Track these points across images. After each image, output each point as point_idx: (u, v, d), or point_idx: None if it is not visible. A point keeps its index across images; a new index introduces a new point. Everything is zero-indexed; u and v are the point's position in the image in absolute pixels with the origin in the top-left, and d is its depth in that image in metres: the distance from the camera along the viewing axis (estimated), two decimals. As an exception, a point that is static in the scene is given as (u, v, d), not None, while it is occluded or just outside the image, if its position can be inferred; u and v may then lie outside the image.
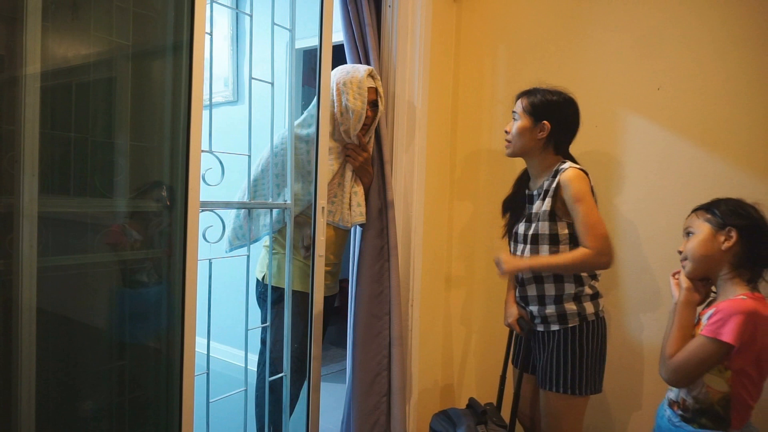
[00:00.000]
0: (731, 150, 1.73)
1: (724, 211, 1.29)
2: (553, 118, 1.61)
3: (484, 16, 2.28)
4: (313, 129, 1.79)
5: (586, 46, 2.01)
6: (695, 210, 1.36)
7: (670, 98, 1.84)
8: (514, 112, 1.67)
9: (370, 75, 1.87)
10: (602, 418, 1.97)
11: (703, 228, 1.31)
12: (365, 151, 1.93)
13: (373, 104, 1.89)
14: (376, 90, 1.88)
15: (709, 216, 1.31)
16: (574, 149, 1.70)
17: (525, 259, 1.61)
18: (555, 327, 1.61)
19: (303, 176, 1.76)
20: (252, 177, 1.83)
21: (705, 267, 1.31)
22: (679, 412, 1.30)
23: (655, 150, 1.86)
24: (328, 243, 1.86)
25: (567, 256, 1.56)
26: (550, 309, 1.61)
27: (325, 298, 1.79)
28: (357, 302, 2.03)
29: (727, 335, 1.18)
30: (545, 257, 1.59)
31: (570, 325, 1.59)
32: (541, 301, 1.63)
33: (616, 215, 1.95)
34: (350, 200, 1.91)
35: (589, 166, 1.66)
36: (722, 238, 1.27)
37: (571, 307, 1.59)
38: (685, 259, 1.32)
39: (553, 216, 1.59)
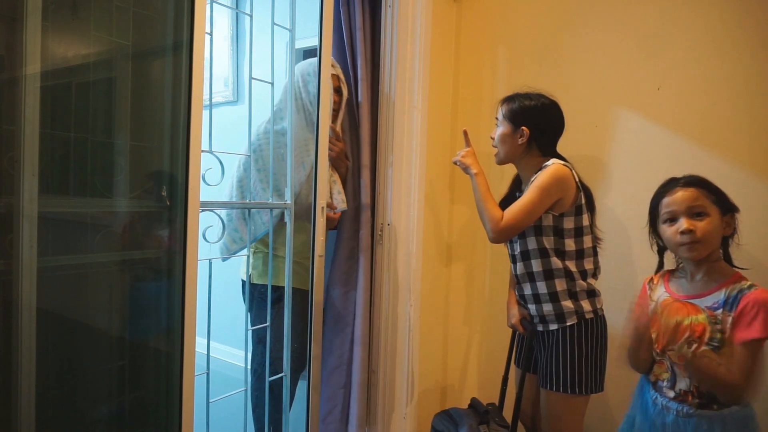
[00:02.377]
0: (732, 150, 1.73)
1: (724, 196, 1.29)
2: (532, 122, 1.63)
3: (484, 16, 2.28)
4: (284, 124, 1.79)
5: (586, 46, 2.01)
6: (693, 186, 1.29)
7: (670, 98, 1.84)
8: (496, 118, 1.70)
9: (330, 64, 1.90)
10: (603, 417, 1.97)
11: (713, 211, 1.26)
12: (340, 141, 1.98)
13: (337, 90, 1.93)
14: (338, 77, 1.93)
15: (714, 198, 1.27)
16: (574, 150, 1.70)
17: (476, 164, 1.68)
18: (554, 326, 1.62)
19: (282, 173, 1.77)
20: (236, 178, 1.84)
21: (712, 250, 1.28)
22: (696, 401, 1.26)
23: (655, 150, 1.86)
24: (307, 237, 1.85)
25: (492, 202, 1.60)
26: (547, 308, 1.62)
27: (305, 292, 1.78)
28: (328, 300, 2.09)
29: None
30: (485, 182, 1.64)
31: (568, 324, 1.60)
32: (537, 299, 1.63)
33: (616, 216, 1.95)
34: (331, 188, 1.93)
35: (589, 167, 1.66)
36: (725, 224, 1.27)
37: (567, 305, 1.60)
38: (698, 242, 1.24)
39: None
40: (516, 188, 1.77)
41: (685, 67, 1.81)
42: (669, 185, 1.33)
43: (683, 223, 1.25)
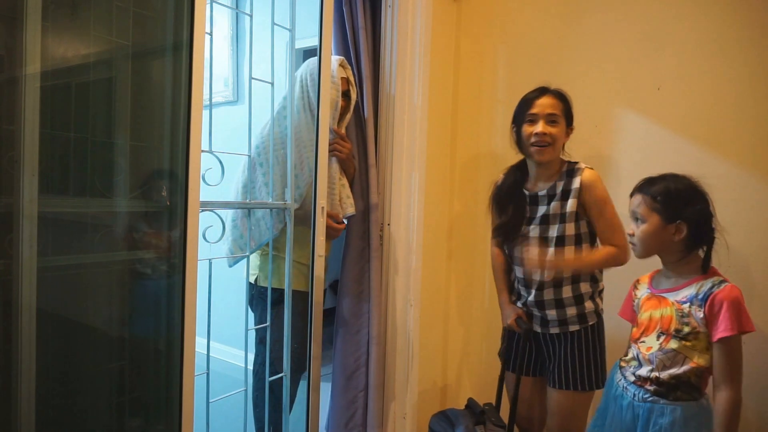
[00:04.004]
0: (734, 150, 1.73)
1: (673, 203, 1.31)
2: (572, 118, 1.65)
3: (484, 16, 2.28)
4: (286, 123, 1.77)
5: (587, 45, 2.01)
6: (640, 192, 1.37)
7: (670, 98, 1.84)
8: (550, 114, 1.60)
9: (341, 65, 1.88)
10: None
11: (651, 219, 1.32)
12: (347, 142, 1.95)
13: (345, 94, 1.90)
14: (347, 80, 1.90)
15: (657, 206, 1.31)
16: (574, 149, 1.71)
17: (552, 258, 1.58)
18: (575, 327, 1.63)
19: (285, 173, 1.76)
20: (241, 183, 1.83)
21: (655, 252, 1.36)
22: (652, 388, 1.31)
23: (656, 150, 1.86)
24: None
25: (594, 257, 1.58)
26: (571, 311, 1.62)
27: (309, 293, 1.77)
28: (339, 301, 2.08)
29: (750, 324, 1.23)
30: (572, 258, 1.58)
31: (590, 324, 1.63)
32: (560, 304, 1.63)
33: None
34: (339, 193, 1.92)
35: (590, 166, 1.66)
36: (672, 230, 1.31)
37: (589, 305, 1.63)
38: (634, 244, 1.38)
39: (577, 216, 1.60)
40: (519, 184, 1.69)
41: (685, 67, 1.81)
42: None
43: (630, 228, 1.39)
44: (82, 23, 1.23)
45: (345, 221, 2.01)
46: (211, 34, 1.35)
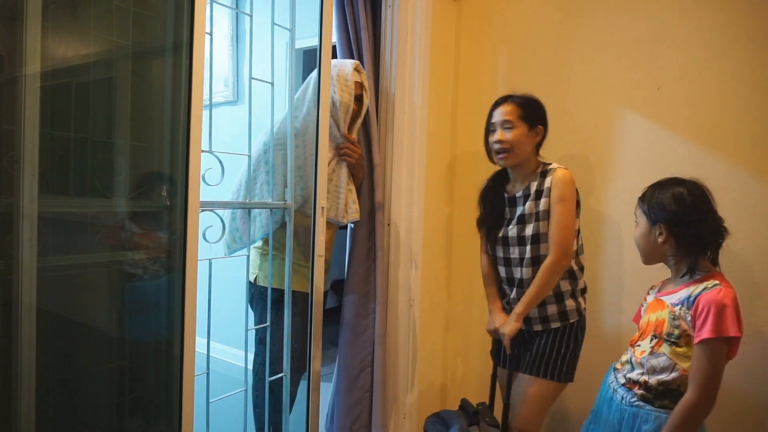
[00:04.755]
0: (734, 150, 1.73)
1: (653, 205, 1.34)
2: (544, 120, 1.68)
3: (484, 16, 2.28)
4: (297, 123, 1.78)
5: (587, 45, 2.01)
6: (639, 198, 1.41)
7: (671, 98, 1.84)
8: (505, 121, 1.65)
9: (356, 69, 1.89)
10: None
11: (641, 221, 1.37)
12: (358, 147, 1.95)
13: (358, 98, 1.89)
14: (361, 85, 1.90)
15: (645, 208, 1.36)
16: (574, 149, 1.71)
17: (512, 316, 1.63)
18: (556, 325, 1.65)
19: (298, 174, 1.76)
20: (244, 179, 1.83)
21: (653, 257, 1.38)
22: (640, 392, 1.32)
23: (656, 150, 1.86)
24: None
25: (538, 284, 1.59)
26: (552, 309, 1.65)
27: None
28: (345, 301, 2.08)
29: (734, 329, 1.20)
30: (525, 302, 1.61)
31: (570, 321, 1.65)
32: (541, 301, 1.64)
33: (616, 217, 1.95)
34: (346, 198, 1.92)
35: (589, 167, 1.66)
36: (657, 232, 1.34)
37: (570, 304, 1.65)
38: (640, 254, 1.41)
39: (551, 214, 1.62)
40: (501, 188, 1.75)
41: (686, 67, 1.81)
42: None
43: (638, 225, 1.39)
44: (82, 23, 1.23)
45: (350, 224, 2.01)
46: (211, 34, 1.35)
